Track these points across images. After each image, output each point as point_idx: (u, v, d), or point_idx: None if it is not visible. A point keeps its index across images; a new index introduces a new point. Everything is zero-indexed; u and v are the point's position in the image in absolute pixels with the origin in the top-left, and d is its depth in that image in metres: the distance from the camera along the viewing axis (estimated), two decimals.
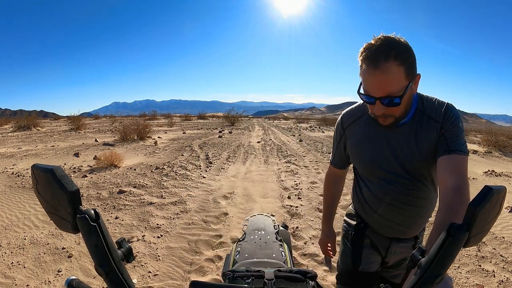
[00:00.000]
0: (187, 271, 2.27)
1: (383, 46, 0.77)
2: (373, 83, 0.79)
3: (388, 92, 0.79)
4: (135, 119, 15.17)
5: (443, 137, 0.86)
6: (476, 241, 0.45)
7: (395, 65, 0.76)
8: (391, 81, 0.77)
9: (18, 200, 3.77)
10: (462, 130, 0.87)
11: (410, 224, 1.01)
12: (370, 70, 0.77)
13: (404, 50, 0.78)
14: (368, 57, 0.78)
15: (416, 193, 0.97)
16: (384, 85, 0.78)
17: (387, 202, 1.00)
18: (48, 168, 0.43)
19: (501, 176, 5.90)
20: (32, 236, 2.78)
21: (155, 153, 7.23)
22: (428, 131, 0.89)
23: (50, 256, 2.45)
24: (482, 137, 11.90)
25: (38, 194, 0.48)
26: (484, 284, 2.17)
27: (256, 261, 0.99)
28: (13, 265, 2.31)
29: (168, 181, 4.65)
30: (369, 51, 0.78)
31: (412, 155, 0.92)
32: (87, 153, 7.14)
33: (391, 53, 0.76)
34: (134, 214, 3.34)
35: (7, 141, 9.64)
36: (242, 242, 1.14)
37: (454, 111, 0.88)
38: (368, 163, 1.00)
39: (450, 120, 0.86)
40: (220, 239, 2.75)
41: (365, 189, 1.06)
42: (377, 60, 0.76)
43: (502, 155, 9.11)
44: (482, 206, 0.41)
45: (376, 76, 0.77)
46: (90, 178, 4.77)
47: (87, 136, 11.03)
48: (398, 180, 0.96)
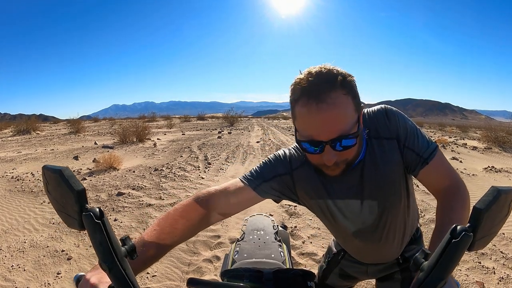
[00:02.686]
0: (185, 272, 2.29)
1: (323, 75, 0.61)
2: (318, 122, 0.61)
3: (339, 132, 0.61)
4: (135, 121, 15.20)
5: (408, 150, 0.72)
6: (482, 245, 0.42)
7: (343, 95, 0.61)
8: (341, 116, 0.60)
9: (18, 204, 3.79)
10: (415, 127, 0.75)
11: (390, 252, 0.89)
12: (312, 106, 0.60)
13: (347, 76, 0.63)
14: (307, 90, 0.61)
15: (389, 226, 0.82)
16: (333, 122, 0.60)
17: (357, 244, 0.89)
18: (56, 169, 0.46)
19: (501, 172, 5.91)
20: (32, 239, 2.80)
21: (154, 155, 7.25)
22: (391, 155, 0.73)
23: (50, 259, 2.47)
24: (481, 133, 11.92)
25: (48, 193, 0.50)
26: (484, 281, 2.16)
27: (255, 261, 0.99)
28: (13, 268, 2.33)
29: (167, 182, 4.67)
30: (306, 82, 0.61)
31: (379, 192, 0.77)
32: (87, 156, 7.16)
33: (336, 80, 0.61)
34: (133, 216, 3.35)
35: (6, 146, 9.66)
36: (241, 242, 1.14)
37: (396, 113, 0.74)
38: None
39: (401, 127, 0.73)
40: (218, 239, 2.77)
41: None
42: (320, 92, 0.60)
43: (502, 151, 9.12)
44: (488, 207, 0.39)
45: (321, 112, 0.59)
46: (90, 181, 4.79)
47: (86, 139, 11.05)
48: (368, 231, 0.83)
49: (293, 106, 0.65)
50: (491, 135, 10.66)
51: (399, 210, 0.81)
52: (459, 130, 20.37)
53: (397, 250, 0.90)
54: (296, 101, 0.63)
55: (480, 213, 0.39)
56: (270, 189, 0.79)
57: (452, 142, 11.06)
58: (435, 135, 14.52)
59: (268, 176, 0.79)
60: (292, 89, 0.65)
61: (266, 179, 0.79)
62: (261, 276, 0.79)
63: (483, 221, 0.39)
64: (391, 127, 0.73)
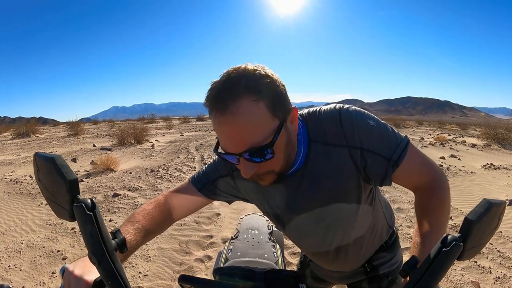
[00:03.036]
0: (177, 271, 2.31)
1: (228, 80, 0.55)
2: (225, 134, 0.55)
3: (249, 144, 0.54)
4: (133, 123, 15.25)
5: (373, 155, 0.63)
6: (471, 255, 0.43)
7: (251, 102, 0.53)
8: (249, 125, 0.53)
9: (16, 206, 3.82)
10: (379, 126, 0.63)
11: (348, 264, 0.84)
12: (217, 116, 0.54)
13: (259, 79, 0.54)
14: (212, 99, 0.55)
15: (338, 242, 0.76)
16: (240, 134, 0.54)
17: (309, 252, 0.86)
18: (49, 157, 0.44)
19: (499, 169, 5.92)
20: (28, 240, 2.84)
21: (151, 156, 7.27)
22: (339, 164, 0.64)
23: (46, 259, 2.50)
24: (481, 131, 11.90)
25: (39, 181, 0.49)
26: (480, 281, 2.13)
27: (248, 260, 0.99)
28: (10, 268, 2.37)
29: (163, 183, 4.69)
30: (212, 91, 0.55)
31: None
32: (85, 158, 7.18)
33: (239, 85, 0.53)
34: (128, 217, 3.39)
35: (6, 149, 9.69)
36: (235, 240, 1.14)
37: (353, 115, 0.63)
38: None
39: (360, 132, 0.62)
40: (211, 239, 2.80)
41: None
42: (223, 100, 0.53)
43: (501, 148, 9.14)
44: (479, 219, 0.40)
45: (227, 122, 0.53)
46: (86, 183, 4.82)
47: (85, 141, 11.08)
48: (314, 244, 0.79)
49: (209, 115, 0.59)
50: (490, 132, 10.64)
51: (348, 224, 0.73)
52: (459, 128, 20.33)
53: (356, 263, 0.84)
54: (208, 109, 0.57)
55: (471, 224, 0.40)
56: (216, 190, 0.77)
57: (451, 140, 11.06)
58: (434, 133, 14.52)
59: (212, 177, 0.77)
60: (206, 96, 0.58)
61: (210, 179, 0.77)
62: (253, 276, 0.79)
63: (474, 232, 0.40)
64: (345, 132, 0.62)
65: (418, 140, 10.58)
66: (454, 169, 5.73)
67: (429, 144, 9.50)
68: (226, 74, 0.56)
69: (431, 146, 8.99)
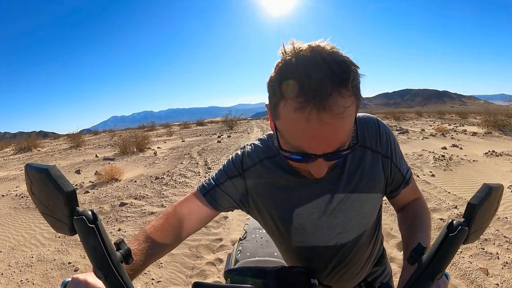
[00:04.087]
0: (189, 276, 2.33)
1: (332, 68, 0.43)
2: (316, 136, 0.46)
3: (338, 145, 0.48)
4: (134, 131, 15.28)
5: (396, 169, 0.68)
6: (475, 238, 0.45)
7: (352, 100, 0.46)
8: (345, 127, 0.47)
9: (24, 221, 3.84)
10: (399, 147, 0.71)
11: (351, 275, 0.77)
12: (311, 116, 0.44)
13: (357, 71, 0.46)
14: (306, 89, 0.43)
15: (357, 240, 0.71)
16: (334, 136, 0.46)
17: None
18: (42, 168, 0.41)
19: (502, 155, 5.91)
20: (39, 253, 2.85)
21: (155, 164, 7.29)
22: (374, 168, 0.66)
23: (57, 271, 2.51)
24: (481, 118, 11.87)
25: (32, 195, 0.45)
26: (488, 267, 2.15)
27: (258, 259, 0.98)
28: (22, 282, 2.38)
29: (168, 190, 4.71)
30: (305, 75, 0.44)
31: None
32: (88, 169, 7.22)
33: (349, 79, 0.44)
34: (136, 225, 3.40)
35: (8, 164, 9.73)
36: (243, 241, 1.14)
37: (388, 130, 0.68)
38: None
39: (392, 144, 0.67)
40: (220, 242, 2.81)
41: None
42: (326, 95, 0.43)
43: (502, 134, 9.09)
44: (481, 203, 0.42)
45: (323, 124, 0.44)
46: (92, 194, 4.85)
47: (87, 153, 11.11)
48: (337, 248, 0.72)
49: (277, 102, 0.48)
50: (491, 119, 10.61)
51: (370, 225, 0.71)
52: (459, 117, 20.31)
53: (361, 273, 0.78)
54: (285, 98, 0.46)
55: (474, 209, 0.42)
56: (223, 194, 0.69)
57: (452, 129, 11.05)
58: (434, 124, 14.51)
59: (220, 180, 0.69)
60: (278, 78, 0.47)
61: (218, 183, 0.69)
62: (264, 275, 0.78)
63: (477, 216, 0.42)
64: (382, 141, 0.65)
65: (419, 132, 10.57)
66: (456, 158, 5.73)
67: (430, 135, 9.48)
68: (322, 57, 0.44)
69: (432, 137, 8.97)
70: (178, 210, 0.68)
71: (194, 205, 0.69)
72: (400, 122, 16.20)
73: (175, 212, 0.68)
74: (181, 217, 0.67)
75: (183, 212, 0.68)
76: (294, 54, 0.46)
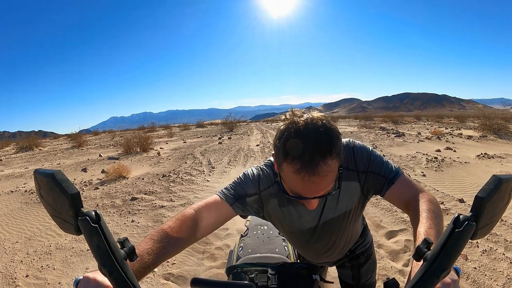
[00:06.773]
0: (200, 258, 2.57)
1: (319, 142, 0.61)
2: (308, 188, 0.65)
3: (326, 191, 0.68)
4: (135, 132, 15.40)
5: (373, 174, 0.80)
6: (484, 233, 0.42)
7: (334, 163, 0.64)
8: (330, 180, 0.66)
9: (37, 214, 3.97)
10: (380, 156, 0.82)
11: (334, 256, 1.02)
12: (305, 177, 0.63)
13: (339, 141, 0.65)
14: (300, 156, 0.62)
15: (335, 241, 0.94)
16: (323, 188, 0.66)
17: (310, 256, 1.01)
18: (48, 173, 0.44)
19: (493, 158, 6.04)
20: (56, 243, 3.00)
21: (159, 163, 7.44)
22: (350, 185, 0.82)
23: (77, 258, 2.69)
24: (479, 122, 12.00)
25: (42, 198, 0.49)
26: (468, 253, 2.32)
27: (260, 256, 1.00)
28: (43, 268, 2.53)
29: (175, 186, 4.91)
30: (301, 144, 0.61)
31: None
32: (94, 168, 7.36)
33: (333, 150, 0.62)
34: (148, 217, 3.61)
35: (12, 162, 9.81)
36: (245, 237, 1.16)
37: (361, 147, 0.82)
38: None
39: (365, 157, 0.81)
40: (227, 231, 3.04)
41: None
42: (315, 165, 0.61)
43: (497, 138, 9.18)
44: (490, 196, 0.39)
45: (313, 183, 0.64)
46: (102, 190, 5.01)
47: (90, 152, 11.23)
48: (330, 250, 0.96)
49: (282, 160, 0.65)
50: (487, 123, 10.72)
51: (347, 227, 0.91)
52: (457, 121, 20.33)
53: (340, 254, 1.03)
54: (286, 159, 0.64)
55: (482, 202, 0.39)
56: (243, 206, 0.82)
57: (448, 133, 11.19)
58: (431, 127, 14.73)
59: (241, 194, 0.82)
60: (282, 145, 0.64)
61: (238, 197, 0.82)
62: (266, 271, 0.80)
63: (485, 210, 0.39)
64: (357, 161, 0.80)
65: (415, 135, 10.75)
66: (448, 160, 5.87)
67: (426, 138, 9.61)
68: (314, 128, 0.62)
69: (428, 140, 9.11)
70: (197, 213, 0.74)
71: (215, 209, 0.77)
72: (398, 126, 16.35)
73: (195, 214, 0.74)
74: (199, 220, 0.73)
75: (203, 216, 0.75)
76: (294, 128, 0.64)
